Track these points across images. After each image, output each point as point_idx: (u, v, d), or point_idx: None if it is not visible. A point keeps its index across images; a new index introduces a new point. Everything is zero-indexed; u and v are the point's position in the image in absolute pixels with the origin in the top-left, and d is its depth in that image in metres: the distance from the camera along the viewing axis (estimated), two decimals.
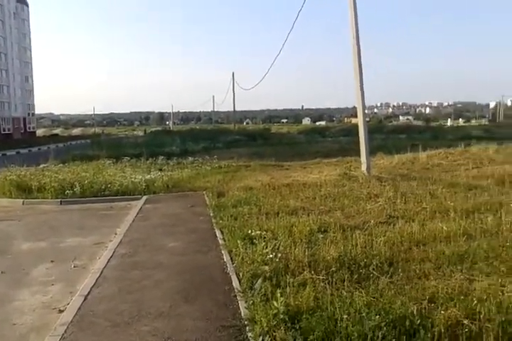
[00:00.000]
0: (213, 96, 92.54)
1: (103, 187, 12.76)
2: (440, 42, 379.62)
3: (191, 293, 5.24)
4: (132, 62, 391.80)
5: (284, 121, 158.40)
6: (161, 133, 56.52)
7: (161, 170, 17.25)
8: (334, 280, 5.05)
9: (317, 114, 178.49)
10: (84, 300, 5.14)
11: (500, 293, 4.46)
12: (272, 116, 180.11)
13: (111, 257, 6.80)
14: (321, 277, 5.17)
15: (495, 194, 9.61)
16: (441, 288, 4.73)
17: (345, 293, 4.65)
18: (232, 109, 65.04)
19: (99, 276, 5.94)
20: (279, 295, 4.34)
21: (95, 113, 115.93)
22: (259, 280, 5.06)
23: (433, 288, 4.75)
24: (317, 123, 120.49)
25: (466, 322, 3.87)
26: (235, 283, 5.40)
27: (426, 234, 6.79)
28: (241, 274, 5.53)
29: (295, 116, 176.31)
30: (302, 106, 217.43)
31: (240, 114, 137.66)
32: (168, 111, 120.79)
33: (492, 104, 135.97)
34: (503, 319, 3.89)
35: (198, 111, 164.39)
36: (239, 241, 6.63)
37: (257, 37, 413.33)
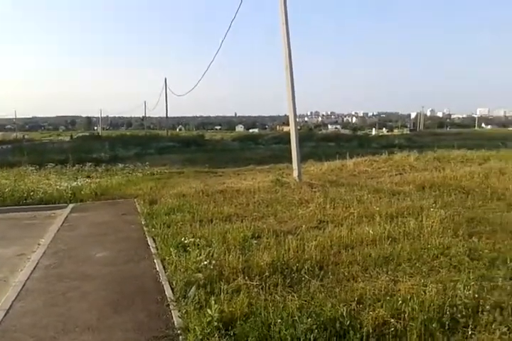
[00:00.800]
0: (145, 102, 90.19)
1: (25, 195, 12.00)
2: (364, 57, 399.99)
3: (122, 304, 5.06)
4: (60, 63, 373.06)
5: (218, 127, 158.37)
6: (88, 139, 54.31)
7: (89, 177, 16.56)
8: (268, 285, 5.13)
9: (250, 122, 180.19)
10: (6, 314, 4.81)
11: (423, 293, 4.74)
12: (205, 123, 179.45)
13: (34, 269, 6.41)
14: (254, 283, 5.22)
15: (416, 199, 10.21)
16: (368, 289, 4.95)
17: (278, 298, 4.73)
18: (165, 115, 63.98)
19: (22, 289, 5.58)
20: (213, 302, 4.32)
21: (17, 117, 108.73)
22: (193, 288, 5.01)
23: (361, 290, 4.96)
24: (250, 130, 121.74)
25: (392, 321, 4.08)
26: (168, 292, 5.30)
27: (354, 238, 7.08)
28: (174, 283, 5.44)
29: (228, 123, 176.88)
30: (235, 114, 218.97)
31: (173, 120, 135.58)
32: (97, 116, 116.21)
33: (413, 115, 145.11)
34: (425, 317, 4.14)
35: (129, 116, 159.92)
36: (172, 249, 6.52)
37: (192, 43, 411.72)
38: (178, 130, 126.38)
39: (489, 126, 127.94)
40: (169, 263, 6.22)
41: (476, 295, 4.55)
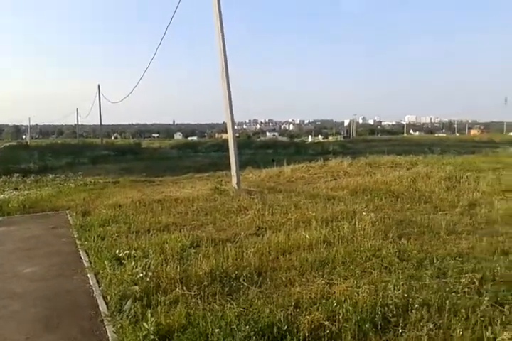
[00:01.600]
0: (77, 109, 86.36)
1: None
2: (296, 66, 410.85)
3: (53, 321, 4.82)
4: None
5: (156, 135, 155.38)
6: (16, 149, 51.06)
7: (16, 188, 15.65)
8: (206, 294, 5.09)
9: (189, 129, 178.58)
10: None
11: (356, 294, 4.91)
12: (142, 131, 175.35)
13: None
14: (193, 293, 5.16)
15: (349, 203, 10.58)
16: (305, 293, 5.06)
17: (216, 307, 4.71)
18: (99, 123, 61.80)
19: None
20: (149, 315, 4.23)
21: None
22: (129, 302, 4.86)
23: (298, 294, 5.05)
24: (189, 138, 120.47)
25: (327, 323, 4.18)
26: (102, 306, 5.11)
27: (291, 243, 7.20)
28: (109, 297, 5.26)
29: (166, 130, 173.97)
30: (174, 121, 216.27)
31: (108, 128, 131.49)
32: (25, 124, 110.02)
33: (346, 122, 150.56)
34: (359, 317, 4.29)
35: (60, 124, 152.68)
36: (106, 263, 6.30)
37: (127, 50, 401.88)
38: (113, 138, 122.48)
39: (417, 133, 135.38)
40: (103, 276, 6.00)
41: (406, 295, 4.78)
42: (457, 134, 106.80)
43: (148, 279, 5.43)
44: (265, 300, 4.89)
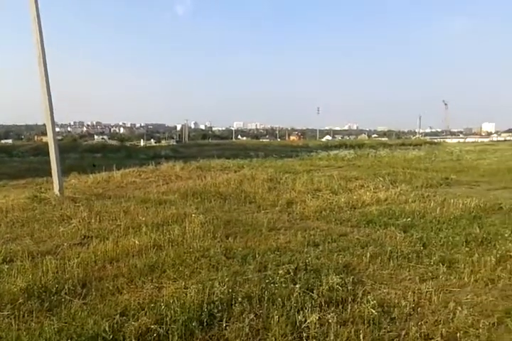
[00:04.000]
0: None
1: None
2: (130, 67, 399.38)
3: None
4: None
5: None
6: None
7: None
8: (22, 313, 4.61)
9: (2, 131, 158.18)
10: None
11: (185, 295, 5.02)
12: None
13: None
14: (5, 313, 4.63)
15: (181, 206, 10.73)
16: (133, 300, 4.98)
17: (34, 325, 4.32)
18: None
19: None
20: None
21: None
22: None
23: (126, 302, 4.94)
24: (3, 141, 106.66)
25: (154, 327, 4.19)
26: None
27: (120, 251, 6.99)
28: None
29: None
30: None
31: None
32: None
33: (179, 127, 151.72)
34: (186, 317, 4.40)
35: None
36: None
37: None
38: None
39: (244, 138, 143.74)
40: None
41: (230, 290, 5.07)
42: (279, 140, 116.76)
43: None
44: (90, 311, 4.66)
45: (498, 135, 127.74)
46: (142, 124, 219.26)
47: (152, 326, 4.20)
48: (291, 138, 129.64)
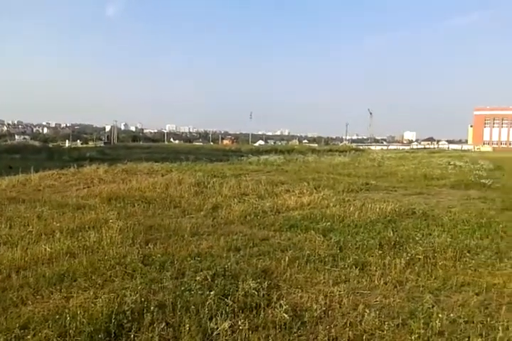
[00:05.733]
0: None
1: None
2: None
3: None
4: None
5: None
6: None
7: None
8: None
9: None
10: None
11: (94, 305, 4.79)
12: None
13: None
14: None
15: (101, 212, 10.29)
16: (37, 311, 4.69)
17: None
18: None
19: None
20: None
21: None
22: None
23: (29, 314, 4.65)
24: None
25: (56, 340, 3.96)
26: None
27: (28, 259, 6.58)
28: None
29: None
30: None
31: None
32: None
33: (108, 128, 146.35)
34: (92, 329, 4.20)
35: None
36: None
37: None
38: None
39: (177, 141, 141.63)
40: None
41: (143, 299, 4.91)
42: (212, 143, 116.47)
43: None
44: None
45: (418, 143, 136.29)
46: (68, 124, 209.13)
47: (54, 339, 3.97)
48: (225, 142, 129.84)
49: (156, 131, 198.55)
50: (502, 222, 9.94)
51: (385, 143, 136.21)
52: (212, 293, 5.01)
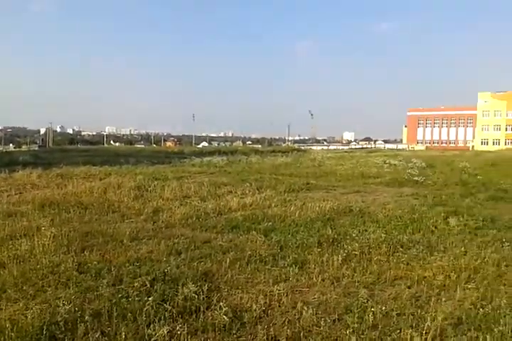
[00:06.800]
0: None
1: None
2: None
3: None
4: None
5: None
6: None
7: None
8: None
9: None
10: None
11: (24, 317, 4.54)
12: None
13: None
14: None
15: (33, 219, 9.80)
16: None
17: None
18: None
19: None
20: None
21: None
22: None
23: None
24: None
25: None
26: None
27: None
28: None
29: None
30: None
31: None
32: None
33: (43, 131, 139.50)
34: None
35: None
36: None
37: None
38: None
39: (117, 144, 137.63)
40: None
41: (77, 308, 4.73)
42: (154, 145, 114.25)
43: None
44: None
45: (357, 143, 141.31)
46: (0, 128, 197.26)
47: None
48: (167, 144, 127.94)
49: (95, 133, 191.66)
50: (433, 217, 10.52)
51: (325, 143, 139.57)
52: (150, 298, 4.92)
